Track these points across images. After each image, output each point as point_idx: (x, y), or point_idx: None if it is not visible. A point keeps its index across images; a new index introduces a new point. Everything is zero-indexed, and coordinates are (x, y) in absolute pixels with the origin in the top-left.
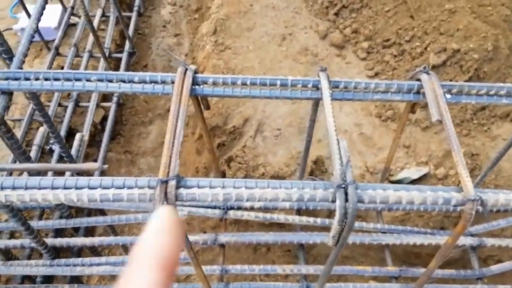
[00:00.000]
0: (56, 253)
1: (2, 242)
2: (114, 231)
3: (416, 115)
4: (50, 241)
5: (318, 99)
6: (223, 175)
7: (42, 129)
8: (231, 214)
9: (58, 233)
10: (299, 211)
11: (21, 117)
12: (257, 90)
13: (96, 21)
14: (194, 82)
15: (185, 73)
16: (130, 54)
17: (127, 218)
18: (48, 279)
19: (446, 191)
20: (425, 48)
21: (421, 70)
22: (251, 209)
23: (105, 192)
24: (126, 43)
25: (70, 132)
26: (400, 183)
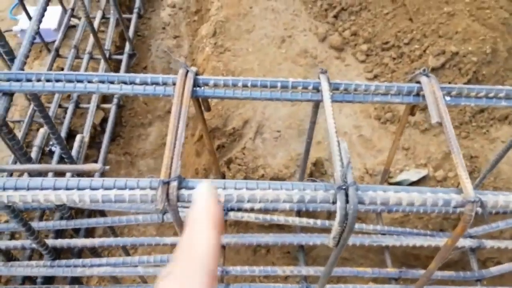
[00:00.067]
0: (56, 254)
1: (3, 243)
2: (114, 232)
3: (415, 118)
4: (51, 242)
5: (318, 101)
6: (223, 177)
7: (43, 130)
8: (231, 215)
9: (59, 234)
10: (299, 213)
11: (20, 118)
12: (258, 92)
13: (96, 22)
14: (195, 84)
15: (186, 75)
16: (130, 56)
17: (128, 219)
18: (48, 280)
19: (446, 193)
20: (424, 50)
21: (420, 72)
22: (251, 210)
23: (107, 193)
24: (126, 45)
25: (70, 133)
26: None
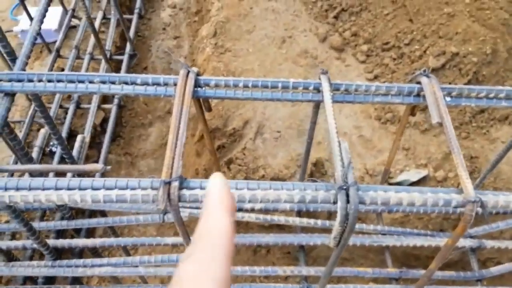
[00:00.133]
0: (57, 254)
1: (4, 243)
2: (114, 233)
3: (415, 118)
4: (52, 242)
5: (319, 102)
6: None
7: (43, 130)
8: None
9: (60, 234)
10: (300, 213)
11: (21, 118)
12: (259, 92)
13: (97, 23)
14: (196, 84)
15: (187, 75)
16: (131, 56)
17: (128, 220)
18: (49, 280)
19: (446, 193)
20: (424, 51)
21: (421, 73)
22: (252, 210)
23: (108, 193)
24: (127, 45)
25: (71, 133)
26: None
